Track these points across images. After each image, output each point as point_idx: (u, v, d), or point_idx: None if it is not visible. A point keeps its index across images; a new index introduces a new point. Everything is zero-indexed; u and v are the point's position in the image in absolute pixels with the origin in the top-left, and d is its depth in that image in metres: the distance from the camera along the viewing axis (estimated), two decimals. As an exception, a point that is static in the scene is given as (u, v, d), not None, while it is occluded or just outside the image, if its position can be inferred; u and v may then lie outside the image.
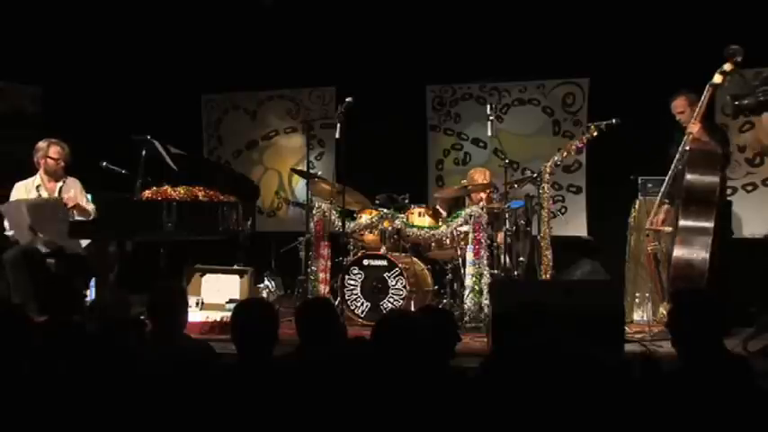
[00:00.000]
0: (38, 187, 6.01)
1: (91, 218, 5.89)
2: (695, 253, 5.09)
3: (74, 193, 5.97)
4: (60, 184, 6.05)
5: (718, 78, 5.23)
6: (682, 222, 5.20)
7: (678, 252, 5.15)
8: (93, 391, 2.87)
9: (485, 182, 6.46)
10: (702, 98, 5.28)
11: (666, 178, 5.44)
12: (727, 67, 5.20)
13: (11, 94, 6.69)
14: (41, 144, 6.01)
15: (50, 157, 5.98)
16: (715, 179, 5.16)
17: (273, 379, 2.91)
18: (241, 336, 3.13)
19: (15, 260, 5.74)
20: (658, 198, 5.59)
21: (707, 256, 5.07)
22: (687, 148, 5.29)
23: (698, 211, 5.16)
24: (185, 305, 3.75)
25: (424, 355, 2.95)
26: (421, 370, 2.87)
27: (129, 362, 3.13)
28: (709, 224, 5.12)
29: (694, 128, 5.29)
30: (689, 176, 5.20)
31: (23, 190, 6.00)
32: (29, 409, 2.80)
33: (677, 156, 5.36)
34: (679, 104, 5.54)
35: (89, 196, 6.14)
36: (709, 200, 5.15)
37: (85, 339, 3.14)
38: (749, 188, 6.78)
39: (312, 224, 6.36)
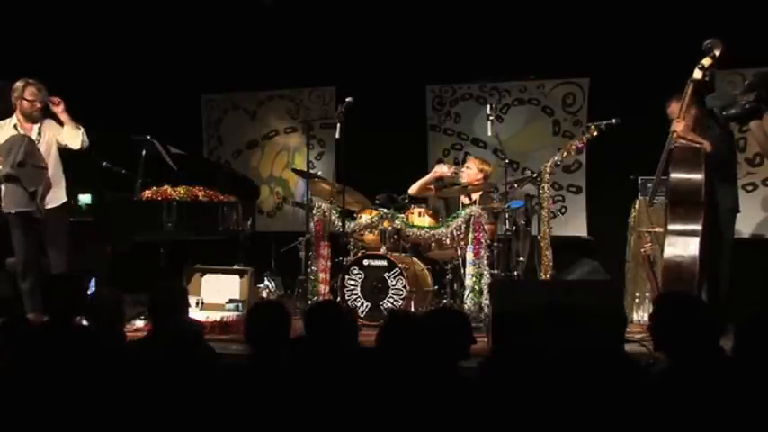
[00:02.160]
0: (15, 126, 5.70)
1: (81, 137, 5.72)
2: (684, 256, 5.05)
3: (52, 134, 5.72)
4: (38, 126, 5.73)
5: (697, 74, 5.16)
6: (670, 226, 5.13)
7: (668, 254, 5.11)
8: (92, 391, 2.87)
9: (478, 171, 6.43)
10: (683, 96, 5.23)
11: (654, 180, 5.41)
12: (706, 61, 5.14)
13: (11, 93, 6.67)
14: (18, 84, 5.69)
15: (26, 99, 5.66)
16: (699, 177, 5.07)
17: (282, 379, 2.91)
18: (255, 336, 3.13)
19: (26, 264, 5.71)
20: (647, 200, 5.57)
21: (696, 258, 5.03)
22: (672, 147, 5.24)
23: (685, 213, 5.09)
24: (186, 305, 3.75)
25: (432, 356, 2.95)
26: (428, 371, 2.86)
27: (127, 361, 3.13)
28: (697, 226, 5.04)
29: (678, 126, 5.20)
30: (672, 175, 5.11)
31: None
32: (29, 408, 2.80)
33: (662, 156, 5.31)
34: (674, 110, 5.49)
35: (88, 196, 6.12)
36: (695, 200, 5.07)
37: (85, 339, 3.15)
38: (749, 188, 6.78)
39: (312, 224, 6.36)
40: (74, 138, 5.72)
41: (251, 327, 3.19)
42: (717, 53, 5.10)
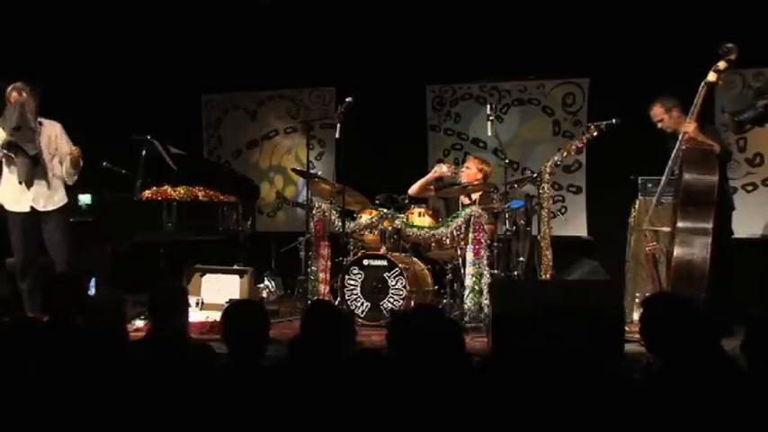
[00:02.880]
0: None
1: (75, 177, 5.78)
2: (695, 254, 5.07)
3: (54, 136, 5.76)
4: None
5: (712, 77, 5.20)
6: (680, 224, 5.16)
7: (678, 253, 5.13)
8: (91, 391, 2.87)
9: (478, 171, 6.44)
10: (697, 97, 5.24)
11: (663, 179, 5.42)
12: (722, 65, 5.17)
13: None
14: (8, 88, 5.76)
15: (10, 103, 5.72)
16: (713, 179, 5.12)
17: (264, 382, 2.89)
18: (231, 338, 3.13)
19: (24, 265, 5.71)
20: (654, 199, 5.58)
21: (707, 256, 5.05)
22: (683, 147, 5.26)
23: (696, 212, 5.12)
24: (186, 305, 3.75)
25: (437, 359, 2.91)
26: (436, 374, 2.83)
27: (127, 361, 3.13)
28: (708, 225, 5.09)
29: (689, 127, 5.24)
30: (686, 176, 5.16)
31: None
32: (29, 408, 2.80)
33: (672, 156, 5.33)
34: (657, 112, 5.49)
35: (88, 196, 6.13)
36: (707, 200, 5.11)
37: (85, 339, 3.15)
38: (749, 188, 6.78)
39: (312, 224, 6.36)
40: (70, 176, 5.78)
41: (226, 327, 3.17)
42: (732, 57, 5.14)
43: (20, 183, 5.61)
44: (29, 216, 5.63)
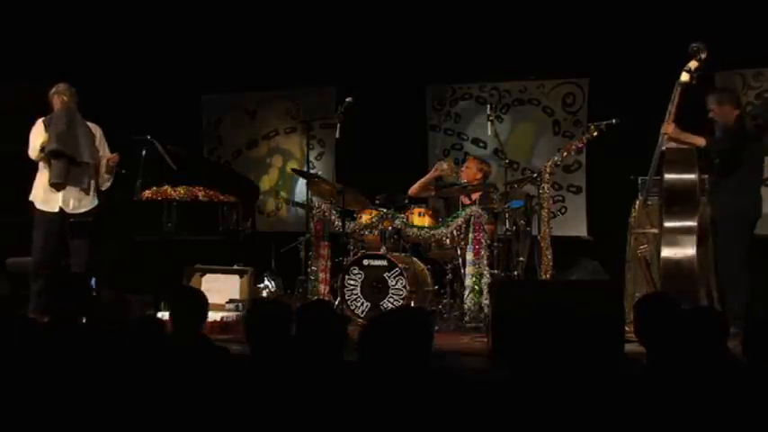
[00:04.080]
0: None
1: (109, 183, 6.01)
2: (681, 254, 5.11)
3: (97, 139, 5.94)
4: None
5: (684, 77, 5.24)
6: (666, 224, 5.21)
7: (665, 254, 5.18)
8: (96, 392, 2.87)
9: (478, 171, 6.46)
10: (672, 98, 5.27)
11: (647, 180, 5.45)
12: (693, 64, 5.21)
13: (12, 93, 6.69)
14: (51, 91, 5.93)
15: (55, 106, 5.89)
16: (692, 176, 5.16)
17: (285, 379, 2.90)
18: (255, 335, 3.13)
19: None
20: (640, 200, 5.60)
21: (694, 254, 5.08)
22: (663, 148, 5.29)
23: (680, 211, 5.17)
24: (207, 307, 3.77)
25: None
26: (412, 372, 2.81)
27: (134, 360, 3.14)
28: (693, 223, 5.13)
29: (668, 128, 5.26)
30: (667, 176, 5.22)
31: (42, 126, 5.88)
32: (33, 409, 2.80)
33: (654, 157, 5.35)
34: (708, 103, 5.44)
35: None
36: (690, 199, 5.15)
37: (88, 339, 3.15)
38: (749, 188, 6.77)
39: (312, 224, 6.36)
40: (105, 181, 6.05)
41: (250, 325, 3.17)
42: (703, 56, 5.19)
43: (50, 185, 5.64)
44: (56, 217, 5.67)
